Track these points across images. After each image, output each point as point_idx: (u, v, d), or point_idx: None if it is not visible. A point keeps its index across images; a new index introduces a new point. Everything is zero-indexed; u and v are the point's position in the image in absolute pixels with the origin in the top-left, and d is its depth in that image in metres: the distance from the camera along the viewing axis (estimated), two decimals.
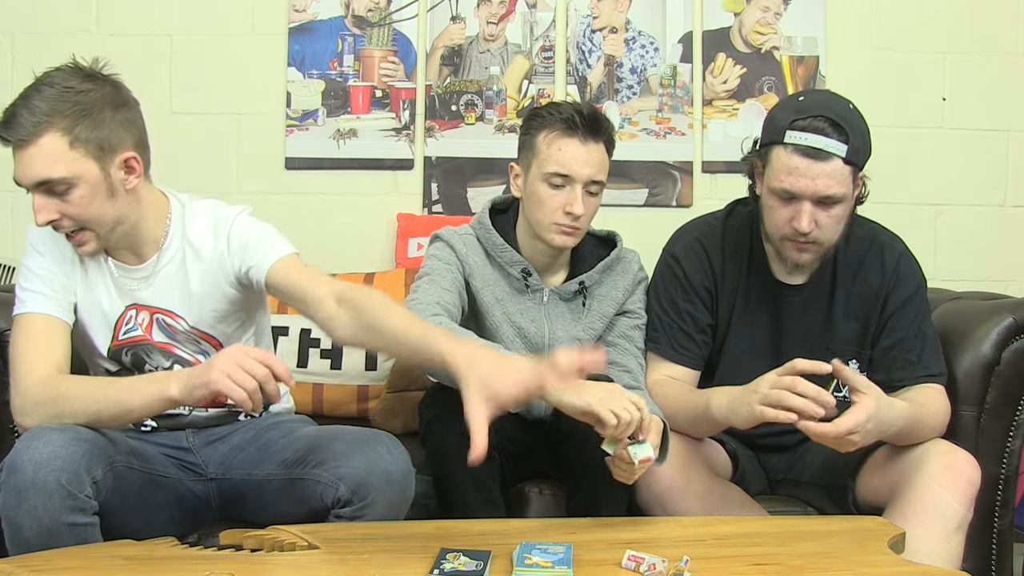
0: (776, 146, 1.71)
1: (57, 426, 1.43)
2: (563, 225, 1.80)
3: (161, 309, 1.68)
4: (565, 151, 1.78)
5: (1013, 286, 2.68)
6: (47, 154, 1.51)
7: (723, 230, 1.92)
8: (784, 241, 1.77)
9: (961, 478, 1.62)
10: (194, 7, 2.69)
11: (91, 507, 1.41)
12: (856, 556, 1.40)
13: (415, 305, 1.70)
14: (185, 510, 1.66)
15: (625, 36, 2.76)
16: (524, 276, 1.88)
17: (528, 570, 1.28)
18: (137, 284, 1.67)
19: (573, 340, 1.88)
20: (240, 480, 1.67)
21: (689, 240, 1.92)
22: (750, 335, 1.89)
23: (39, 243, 1.66)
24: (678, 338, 1.88)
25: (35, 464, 1.36)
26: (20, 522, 1.37)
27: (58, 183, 1.53)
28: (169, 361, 1.70)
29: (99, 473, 1.42)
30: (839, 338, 1.86)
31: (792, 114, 1.70)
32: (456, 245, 1.87)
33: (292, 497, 1.59)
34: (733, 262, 1.90)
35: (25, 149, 1.51)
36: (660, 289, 1.92)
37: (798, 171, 1.67)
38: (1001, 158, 2.82)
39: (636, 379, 1.83)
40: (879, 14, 2.80)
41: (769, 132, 1.74)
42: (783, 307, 1.88)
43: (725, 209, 1.97)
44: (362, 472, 1.50)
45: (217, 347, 1.71)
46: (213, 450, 1.72)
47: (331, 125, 2.71)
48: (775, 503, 1.86)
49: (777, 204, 1.74)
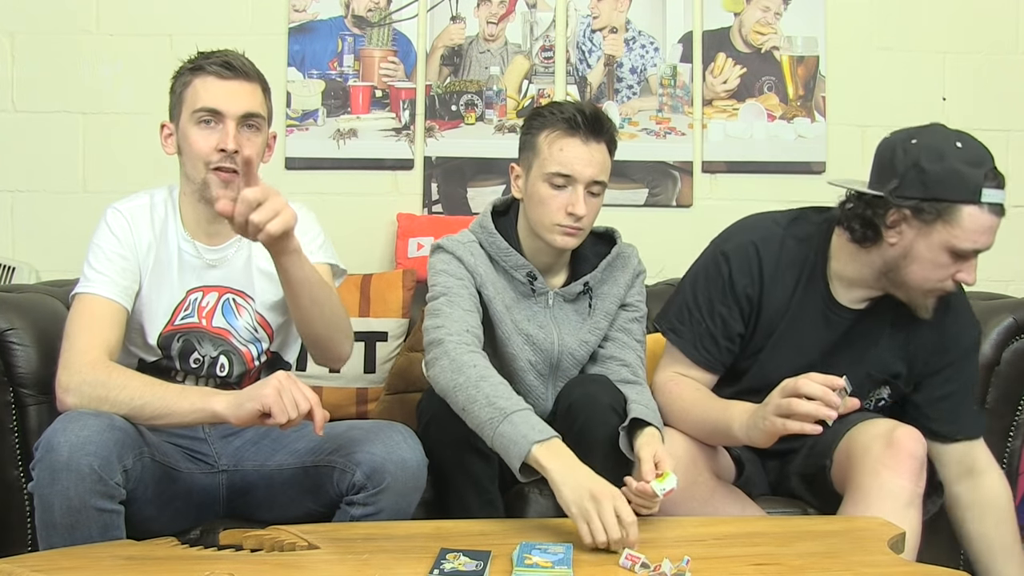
0: (969, 205, 1.61)
1: (93, 412, 1.46)
2: (565, 226, 1.78)
3: (233, 289, 1.74)
4: (567, 151, 1.76)
5: (1013, 286, 2.68)
6: (256, 95, 1.69)
7: (783, 238, 1.82)
8: (929, 294, 1.71)
9: (902, 454, 1.63)
10: (194, 7, 2.69)
11: (119, 494, 1.44)
12: (856, 556, 1.40)
13: (447, 335, 1.67)
14: (192, 504, 1.67)
15: (625, 36, 2.76)
16: (530, 280, 1.86)
17: (528, 570, 1.28)
18: (210, 265, 1.73)
19: (581, 343, 1.87)
20: (251, 471, 1.70)
21: (744, 242, 1.83)
22: (795, 350, 1.80)
23: (116, 226, 1.70)
24: (703, 338, 1.82)
25: (71, 446, 1.39)
26: (52, 501, 1.40)
27: (257, 119, 1.68)
28: (218, 350, 1.73)
29: (129, 462, 1.46)
30: (880, 367, 1.82)
31: (975, 168, 1.63)
32: (463, 256, 1.82)
33: (304, 486, 1.63)
34: (788, 274, 1.80)
35: (243, 82, 1.67)
36: (700, 282, 1.84)
37: (991, 230, 1.64)
38: (1001, 158, 2.78)
39: (635, 373, 1.82)
40: (879, 14, 2.80)
41: (959, 189, 1.61)
42: (838, 332, 1.80)
43: (789, 214, 1.86)
44: (378, 458, 1.54)
45: (270, 335, 1.77)
46: (227, 443, 1.75)
47: (331, 125, 2.71)
48: (775, 504, 1.85)
49: (948, 261, 1.65)
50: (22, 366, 1.78)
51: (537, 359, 1.85)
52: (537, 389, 1.86)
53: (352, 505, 1.56)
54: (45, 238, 2.64)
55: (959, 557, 1.89)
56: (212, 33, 2.67)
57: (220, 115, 1.64)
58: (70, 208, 2.64)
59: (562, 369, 1.87)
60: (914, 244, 1.66)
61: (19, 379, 1.78)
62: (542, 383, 1.87)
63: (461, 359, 1.62)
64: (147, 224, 1.71)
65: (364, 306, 2.34)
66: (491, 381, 1.58)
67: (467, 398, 1.56)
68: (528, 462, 1.47)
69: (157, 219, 1.73)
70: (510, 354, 1.83)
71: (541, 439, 1.47)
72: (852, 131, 2.78)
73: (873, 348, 1.81)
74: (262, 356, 1.78)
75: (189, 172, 1.69)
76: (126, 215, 1.70)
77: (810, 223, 1.83)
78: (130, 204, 1.73)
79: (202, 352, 1.73)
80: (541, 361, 1.85)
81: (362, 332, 2.29)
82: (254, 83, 1.70)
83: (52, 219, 2.65)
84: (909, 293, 1.72)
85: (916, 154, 1.65)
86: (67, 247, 2.39)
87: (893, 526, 1.52)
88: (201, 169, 1.65)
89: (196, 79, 1.67)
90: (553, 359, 1.86)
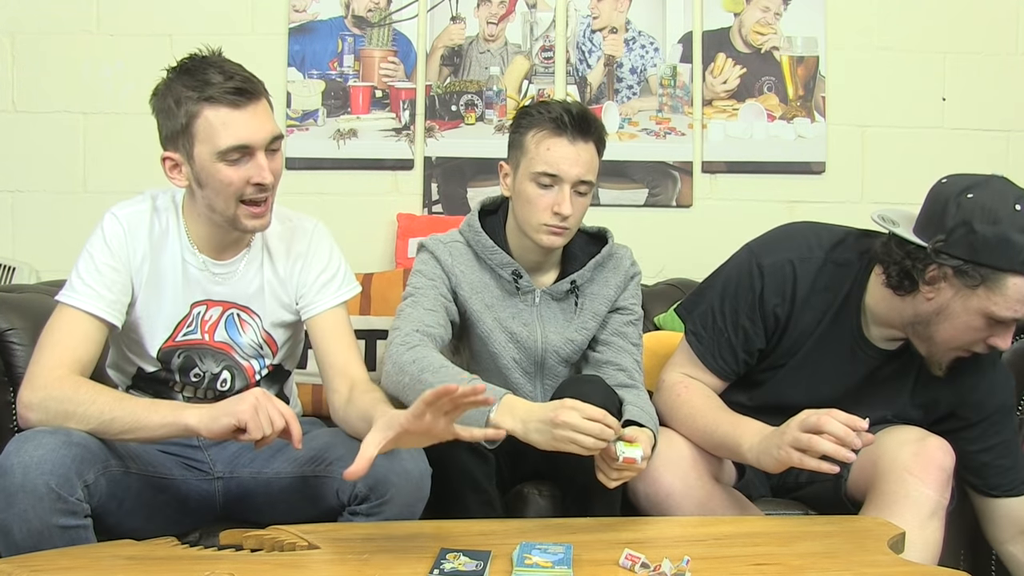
0: (1016, 276, 1.54)
1: (48, 429, 1.43)
2: (551, 226, 1.78)
3: (238, 305, 1.71)
4: (553, 151, 1.76)
5: None
6: (268, 111, 1.59)
7: (823, 262, 1.76)
8: (952, 353, 1.68)
9: (931, 464, 1.63)
10: (194, 7, 2.69)
11: (82, 510, 1.41)
12: (856, 556, 1.40)
13: (397, 335, 1.70)
14: (187, 511, 1.66)
15: (625, 36, 2.76)
16: (515, 278, 1.86)
17: (528, 570, 1.28)
18: (217, 279, 1.69)
19: (567, 341, 1.88)
20: (248, 478, 1.68)
21: (782, 259, 1.77)
22: (814, 378, 1.78)
23: (112, 236, 1.63)
24: (722, 348, 1.79)
25: (24, 467, 1.35)
26: (10, 525, 1.36)
27: (279, 139, 1.60)
28: (220, 366, 1.71)
29: (91, 477, 1.42)
30: (900, 411, 1.80)
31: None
32: (441, 255, 1.86)
33: (304, 495, 1.60)
34: (821, 300, 1.76)
35: (256, 104, 1.56)
36: (730, 290, 1.79)
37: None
38: (1001, 158, 2.82)
39: (631, 377, 1.82)
40: (879, 14, 2.80)
41: (1009, 259, 1.54)
42: (861, 365, 1.77)
43: (833, 235, 1.79)
44: (381, 469, 1.49)
45: (274, 351, 1.75)
46: (222, 448, 1.73)
47: (331, 125, 2.71)
48: (775, 506, 1.86)
49: (983, 326, 1.60)
50: (22, 366, 1.78)
51: (521, 357, 1.86)
52: (524, 387, 1.87)
53: (355, 515, 1.54)
54: (45, 238, 2.64)
55: (959, 557, 1.90)
56: (212, 33, 2.66)
57: (248, 148, 1.55)
58: (70, 208, 2.64)
59: (548, 367, 1.88)
60: (951, 304, 1.60)
61: (19, 379, 1.76)
62: (528, 381, 1.88)
63: (401, 359, 1.63)
64: (145, 233, 1.65)
65: (364, 305, 2.34)
66: (431, 369, 1.59)
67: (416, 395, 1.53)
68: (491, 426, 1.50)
69: (157, 228, 1.67)
70: (493, 352, 1.84)
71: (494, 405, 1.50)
72: (852, 131, 2.78)
73: (896, 394, 1.79)
74: (264, 370, 1.76)
75: (216, 205, 1.60)
76: (124, 223, 1.64)
77: (851, 251, 1.76)
78: (129, 210, 1.67)
79: (203, 368, 1.71)
80: (526, 359, 1.87)
81: (362, 331, 2.30)
82: (262, 98, 1.59)
83: (52, 219, 2.65)
84: (932, 348, 1.68)
85: (969, 212, 1.56)
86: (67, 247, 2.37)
87: (893, 526, 1.53)
88: (233, 205, 1.58)
89: (208, 111, 1.52)
90: (537, 357, 1.87)
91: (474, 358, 1.89)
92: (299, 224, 1.77)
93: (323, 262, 1.74)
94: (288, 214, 1.78)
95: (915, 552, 1.53)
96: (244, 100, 1.54)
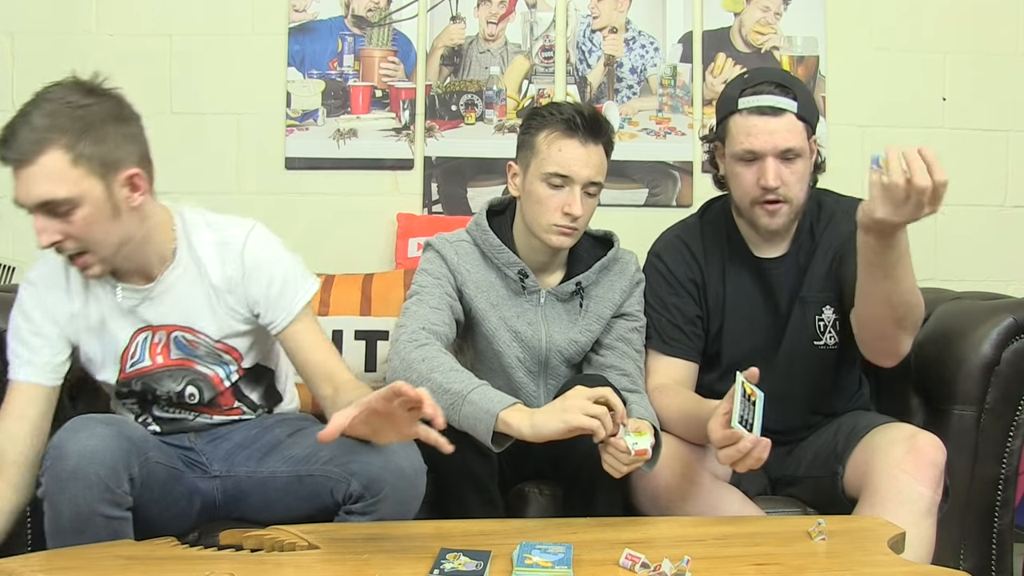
0: (731, 116, 1.82)
1: (102, 417, 1.48)
2: (561, 226, 1.80)
3: (179, 326, 1.67)
4: (565, 152, 1.78)
5: (1013, 286, 2.68)
6: (48, 173, 1.45)
7: (701, 225, 2.00)
8: (755, 207, 1.84)
9: (924, 461, 1.63)
10: (194, 7, 2.69)
11: (126, 502, 1.45)
12: (856, 556, 1.40)
13: (403, 332, 1.70)
14: (193, 507, 1.68)
15: (625, 36, 2.76)
16: (521, 278, 1.87)
17: (528, 570, 1.28)
18: (148, 304, 1.65)
19: (570, 342, 1.89)
20: (243, 477, 1.68)
21: (670, 238, 2.01)
22: (747, 316, 1.93)
23: (28, 305, 1.65)
24: (667, 330, 1.92)
25: (79, 455, 1.40)
26: (61, 508, 1.41)
27: (61, 203, 1.47)
28: (182, 383, 1.70)
29: (135, 470, 1.46)
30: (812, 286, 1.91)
31: (740, 84, 1.83)
32: (447, 254, 1.87)
33: (299, 494, 1.60)
34: (715, 252, 1.96)
35: (26, 168, 1.46)
36: (647, 288, 1.97)
37: (756, 128, 1.78)
38: (1001, 158, 2.82)
39: (634, 382, 1.83)
40: (879, 14, 2.80)
41: (723, 108, 1.86)
42: (771, 281, 1.93)
43: (700, 208, 2.06)
44: (375, 468, 1.51)
45: (238, 359, 1.72)
46: (216, 447, 1.73)
47: (331, 125, 2.71)
48: (774, 504, 1.86)
49: (742, 169, 1.82)
50: None
51: (525, 356, 1.87)
52: (527, 387, 1.87)
53: (351, 514, 1.54)
54: None
55: (959, 557, 1.90)
56: (212, 33, 2.69)
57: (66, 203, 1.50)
58: None
59: (551, 367, 1.89)
60: (730, 166, 1.86)
61: None
62: (532, 380, 1.89)
63: (409, 357, 1.63)
64: (62, 288, 1.64)
65: (365, 305, 2.34)
66: (441, 370, 1.59)
67: None
68: (499, 431, 1.50)
69: (73, 277, 1.64)
70: (497, 351, 1.85)
71: (503, 407, 1.50)
72: (852, 131, 2.78)
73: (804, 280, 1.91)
74: (233, 375, 1.74)
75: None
76: (40, 288, 1.64)
77: (716, 206, 2.02)
78: (40, 271, 1.66)
79: (163, 389, 1.70)
80: (530, 358, 1.88)
81: (362, 331, 2.30)
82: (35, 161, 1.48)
83: None
84: (746, 217, 1.89)
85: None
86: None
87: (893, 526, 1.52)
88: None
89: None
90: (541, 356, 1.88)
91: (478, 357, 1.89)
92: (231, 233, 1.68)
93: (268, 274, 1.66)
94: (217, 221, 1.70)
95: (911, 550, 1.53)
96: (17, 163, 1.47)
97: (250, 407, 1.79)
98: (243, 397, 1.78)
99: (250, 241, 1.67)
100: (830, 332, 1.91)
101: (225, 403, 1.76)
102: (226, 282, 1.66)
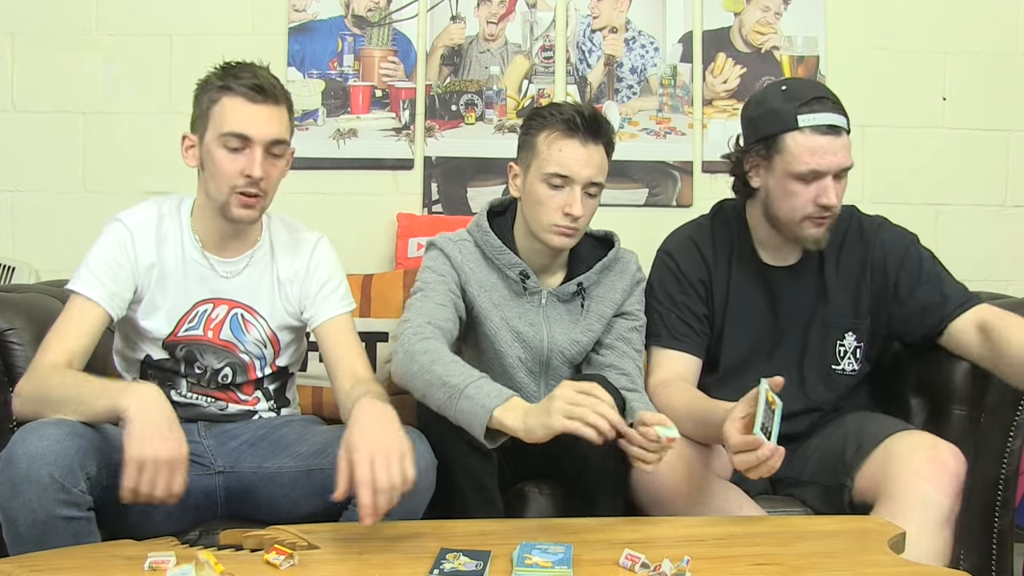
0: (789, 132, 1.79)
1: (53, 420, 1.45)
2: (562, 226, 1.80)
3: (244, 305, 1.77)
4: (566, 152, 1.78)
5: (1013, 286, 2.68)
6: (284, 119, 1.69)
7: (712, 227, 2.01)
8: (804, 221, 1.83)
9: (944, 471, 1.63)
10: (194, 7, 2.69)
11: (85, 502, 1.42)
12: (856, 556, 1.40)
13: (408, 325, 1.71)
14: (189, 506, 1.65)
15: (625, 36, 2.76)
16: (522, 279, 1.88)
17: (528, 570, 1.28)
18: (225, 277, 1.75)
19: (572, 342, 1.89)
20: (249, 473, 1.69)
21: (682, 238, 2.02)
22: (748, 321, 1.94)
23: (120, 237, 1.70)
24: (676, 327, 1.93)
25: (29, 457, 1.38)
26: (15, 515, 1.39)
27: (282, 145, 1.69)
28: (222, 362, 1.77)
29: (93, 469, 1.44)
30: (833, 311, 1.93)
31: (793, 101, 1.80)
32: (451, 253, 1.87)
33: (307, 488, 1.63)
34: (723, 255, 1.97)
35: (272, 107, 1.66)
36: (656, 285, 1.98)
37: (822, 149, 1.78)
38: (1001, 158, 2.82)
39: (633, 382, 1.83)
40: (879, 14, 2.80)
41: (775, 123, 1.81)
42: (776, 289, 1.94)
43: (712, 209, 2.06)
44: None
45: (276, 351, 1.81)
46: (222, 444, 1.75)
47: (331, 125, 2.71)
48: (775, 503, 1.85)
49: (799, 187, 1.80)
50: (22, 366, 1.78)
51: (527, 356, 1.87)
52: (528, 387, 1.88)
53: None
54: (45, 238, 2.64)
55: (959, 557, 1.90)
56: (212, 33, 2.68)
57: (248, 140, 1.65)
58: (70, 208, 2.64)
59: (552, 367, 1.89)
60: (768, 182, 1.85)
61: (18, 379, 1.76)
62: (533, 380, 1.89)
63: (413, 348, 1.64)
64: (152, 240, 1.72)
65: (365, 306, 2.34)
66: (442, 362, 1.59)
67: (424, 384, 1.58)
68: (492, 427, 1.49)
69: (162, 234, 1.74)
70: (498, 351, 1.86)
71: (498, 403, 1.48)
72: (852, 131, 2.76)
73: (819, 294, 1.93)
74: (266, 369, 1.81)
75: (210, 190, 1.70)
76: (131, 229, 1.71)
77: (728, 209, 2.03)
78: (136, 218, 1.73)
79: (204, 363, 1.76)
80: (531, 359, 1.88)
81: (362, 332, 2.28)
82: (281, 106, 1.69)
83: (52, 219, 2.64)
84: (786, 228, 1.87)
85: (747, 108, 1.92)
86: (67, 247, 2.38)
87: (893, 526, 1.52)
88: (225, 191, 1.67)
89: (225, 98, 1.65)
90: (543, 357, 1.88)
91: (479, 357, 1.89)
92: (304, 236, 1.84)
93: (326, 274, 1.81)
94: (295, 225, 1.86)
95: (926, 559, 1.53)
96: (260, 98, 1.65)
97: (266, 397, 1.84)
98: (263, 389, 1.84)
99: (320, 245, 1.84)
100: (849, 359, 1.93)
101: (247, 392, 1.82)
102: (291, 275, 1.79)
